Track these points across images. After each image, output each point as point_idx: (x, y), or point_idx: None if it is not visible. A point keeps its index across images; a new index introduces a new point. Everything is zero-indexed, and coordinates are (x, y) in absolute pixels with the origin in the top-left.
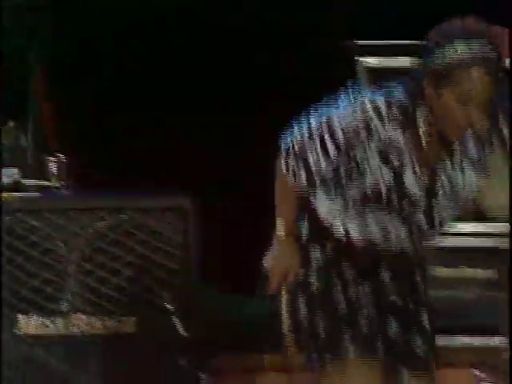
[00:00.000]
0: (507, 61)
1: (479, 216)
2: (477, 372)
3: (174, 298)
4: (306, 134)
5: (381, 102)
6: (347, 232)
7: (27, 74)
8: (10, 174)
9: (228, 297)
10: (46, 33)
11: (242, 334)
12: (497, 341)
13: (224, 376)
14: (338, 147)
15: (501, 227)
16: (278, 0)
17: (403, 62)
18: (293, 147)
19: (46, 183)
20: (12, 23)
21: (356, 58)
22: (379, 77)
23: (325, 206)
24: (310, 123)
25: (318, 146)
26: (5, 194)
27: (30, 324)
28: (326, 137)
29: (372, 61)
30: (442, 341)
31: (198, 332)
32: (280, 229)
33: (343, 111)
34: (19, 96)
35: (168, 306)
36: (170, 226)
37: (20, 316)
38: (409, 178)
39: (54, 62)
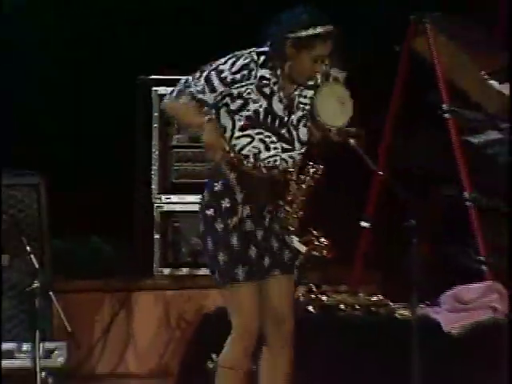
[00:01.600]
0: None
1: None
2: None
3: (31, 242)
4: (195, 76)
5: (255, 53)
6: (243, 154)
7: None
8: None
9: (71, 241)
10: None
11: (80, 266)
12: None
13: (68, 295)
14: (224, 84)
15: None
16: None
17: None
18: (185, 85)
19: None
20: None
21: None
22: None
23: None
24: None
25: (203, 82)
26: None
27: None
28: (213, 75)
29: (161, 89)
30: None
31: (47, 264)
32: (202, 119)
33: (228, 59)
34: None
35: (28, 248)
36: (28, 196)
37: None
38: (276, 104)
39: None
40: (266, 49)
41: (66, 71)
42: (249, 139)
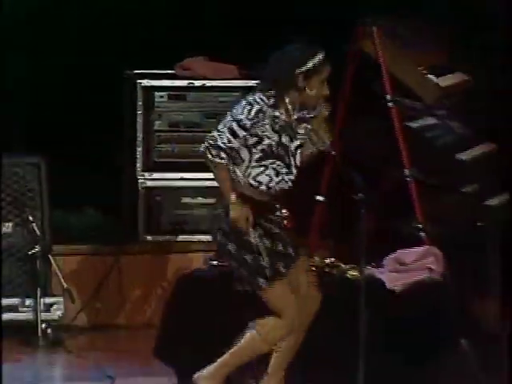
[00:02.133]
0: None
1: None
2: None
3: (33, 212)
4: (221, 131)
5: (265, 96)
6: (257, 181)
7: None
8: None
9: (68, 212)
10: None
11: (76, 233)
12: None
13: (65, 258)
14: (244, 129)
15: None
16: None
17: (167, 82)
18: (213, 142)
19: None
20: None
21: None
22: (148, 91)
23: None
24: (220, 126)
25: (227, 134)
26: None
27: None
28: (234, 125)
29: (144, 82)
30: None
31: (47, 232)
32: (231, 197)
33: (243, 108)
34: None
35: (30, 218)
36: (30, 173)
37: None
38: (284, 137)
39: None
40: (273, 92)
41: (64, 68)
42: (263, 168)
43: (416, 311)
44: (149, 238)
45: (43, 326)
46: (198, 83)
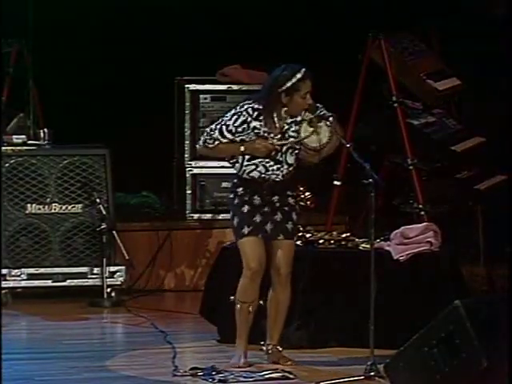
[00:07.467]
0: None
1: None
2: None
3: (100, 195)
4: (212, 129)
5: (250, 109)
6: (250, 176)
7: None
8: (22, 138)
9: (128, 195)
10: None
11: (135, 213)
12: None
13: (126, 233)
14: (231, 133)
15: None
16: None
17: (210, 86)
18: (208, 136)
19: (38, 143)
20: None
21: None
22: (194, 94)
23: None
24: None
25: (217, 133)
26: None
27: None
28: (224, 128)
29: (191, 86)
30: None
31: (111, 211)
32: (241, 148)
33: (231, 116)
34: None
35: (97, 200)
36: (97, 162)
37: None
38: (270, 141)
39: None
40: (259, 106)
41: (127, 76)
42: (254, 166)
43: (416, 277)
44: (194, 216)
45: (108, 290)
46: (235, 87)
